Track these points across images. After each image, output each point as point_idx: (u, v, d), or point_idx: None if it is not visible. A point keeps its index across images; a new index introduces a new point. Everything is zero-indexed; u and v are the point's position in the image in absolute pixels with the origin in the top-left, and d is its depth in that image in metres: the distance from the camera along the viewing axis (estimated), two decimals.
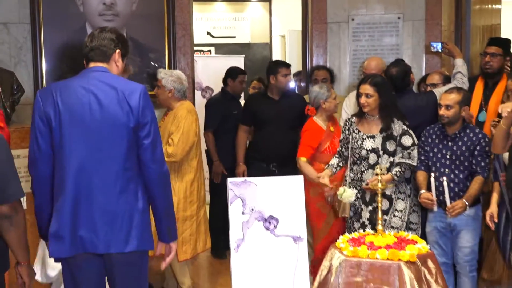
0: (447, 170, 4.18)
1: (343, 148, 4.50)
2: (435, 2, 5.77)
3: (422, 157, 4.32)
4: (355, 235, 3.97)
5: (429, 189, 4.19)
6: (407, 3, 5.81)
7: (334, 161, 4.49)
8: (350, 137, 4.43)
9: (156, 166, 2.86)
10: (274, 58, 10.13)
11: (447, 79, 5.13)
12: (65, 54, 5.33)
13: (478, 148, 4.11)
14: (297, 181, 3.90)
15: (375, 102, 4.31)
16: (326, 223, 4.79)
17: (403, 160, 4.28)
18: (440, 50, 5.42)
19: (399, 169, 4.25)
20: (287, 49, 10.51)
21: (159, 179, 2.88)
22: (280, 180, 3.93)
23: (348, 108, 5.15)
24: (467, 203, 4.08)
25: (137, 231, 2.82)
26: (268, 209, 3.76)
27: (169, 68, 5.46)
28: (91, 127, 2.77)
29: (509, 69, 4.68)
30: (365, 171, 4.34)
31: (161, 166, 2.88)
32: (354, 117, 4.47)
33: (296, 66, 7.75)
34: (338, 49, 5.87)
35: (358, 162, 4.38)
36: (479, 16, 6.18)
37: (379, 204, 3.92)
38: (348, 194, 4.19)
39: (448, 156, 4.19)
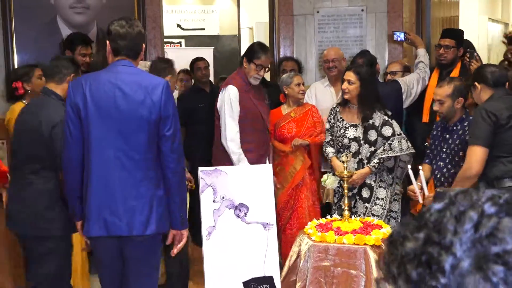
0: (441, 163, 3.98)
1: (332, 137, 4.50)
2: None
3: (428, 150, 4.17)
4: (322, 221, 4.00)
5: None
6: None
7: (330, 150, 4.49)
8: (335, 125, 4.43)
9: (175, 156, 2.99)
10: (242, 50, 10.08)
11: (406, 68, 5.21)
12: (36, 46, 5.22)
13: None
14: (266, 169, 3.93)
15: (356, 90, 4.28)
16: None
17: (384, 155, 4.23)
18: (403, 40, 5.44)
19: (377, 161, 4.23)
20: (255, 41, 10.42)
21: (176, 168, 3.01)
22: (249, 169, 3.98)
23: (310, 98, 5.14)
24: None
25: (156, 216, 2.97)
26: (239, 197, 3.77)
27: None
28: (116, 119, 2.89)
29: (467, 59, 4.70)
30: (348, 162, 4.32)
31: (179, 156, 3.03)
32: (339, 106, 4.45)
33: None
34: (304, 41, 5.86)
35: (341, 150, 4.39)
36: (438, 8, 6.24)
37: (345, 191, 3.96)
38: (331, 180, 4.21)
39: (444, 149, 3.97)
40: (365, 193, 4.30)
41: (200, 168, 3.79)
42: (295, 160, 4.79)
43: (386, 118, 4.29)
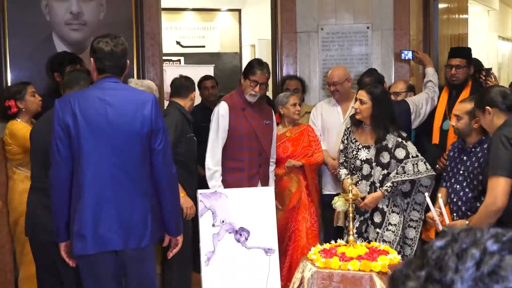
0: (457, 186, 3.83)
1: (346, 158, 4.48)
2: (403, 11, 5.77)
3: (444, 173, 4.05)
4: (326, 246, 3.95)
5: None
6: (375, 12, 5.81)
7: (343, 171, 4.47)
8: (348, 146, 4.43)
9: (167, 169, 3.14)
10: (243, 66, 10.10)
11: (410, 88, 5.17)
12: (30, 64, 5.19)
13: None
14: (268, 192, 3.91)
15: (368, 110, 4.26)
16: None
17: (397, 179, 4.18)
18: (410, 58, 5.43)
19: (390, 185, 4.18)
20: (257, 56, 10.49)
21: (169, 180, 3.16)
22: (251, 191, 3.97)
23: (316, 118, 5.14)
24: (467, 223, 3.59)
25: (150, 228, 3.10)
26: (239, 221, 3.75)
27: (138, 78, 5.36)
28: (108, 135, 3.01)
29: (483, 77, 4.66)
30: (359, 182, 4.30)
31: (170, 168, 3.17)
32: (352, 127, 4.43)
33: None
34: (308, 59, 5.85)
35: (353, 172, 4.36)
36: (446, 26, 6.23)
37: (351, 215, 3.93)
38: (341, 203, 4.14)
39: (461, 171, 3.80)
40: (377, 218, 4.27)
41: (199, 191, 3.78)
42: (290, 182, 4.79)
43: (400, 139, 4.24)
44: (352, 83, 5.12)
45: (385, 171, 4.24)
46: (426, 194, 3.79)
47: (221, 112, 4.49)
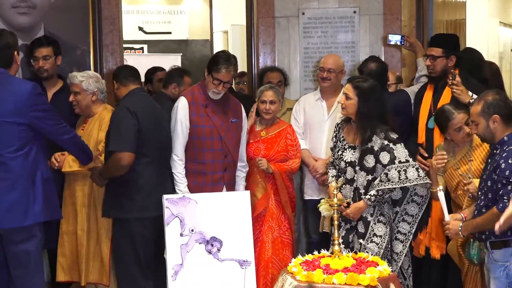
0: (479, 193, 3.73)
1: (333, 158, 4.43)
2: None
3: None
4: (308, 257, 3.92)
5: None
6: None
7: (331, 172, 4.43)
8: (336, 144, 4.39)
9: (63, 137, 4.03)
10: None
11: (399, 80, 5.24)
12: None
13: (497, 171, 3.50)
14: (243, 197, 3.93)
15: (353, 106, 4.21)
16: None
17: (381, 187, 4.12)
18: (399, 43, 5.39)
19: (375, 193, 4.14)
20: (230, 47, 10.47)
21: (72, 144, 4.15)
22: (223, 196, 3.98)
23: (298, 114, 5.14)
24: (459, 228, 3.65)
25: (34, 208, 3.85)
26: (211, 229, 3.74)
27: (95, 69, 5.36)
28: None
29: (450, 80, 4.61)
30: (343, 186, 4.26)
31: (66, 135, 4.05)
32: (343, 122, 4.39)
33: (240, 66, 7.71)
34: (287, 47, 5.86)
35: (340, 174, 4.33)
36: (442, 10, 6.28)
37: (335, 222, 3.91)
38: (326, 206, 4.09)
39: (484, 177, 3.73)
40: (361, 228, 4.22)
41: (165, 196, 3.78)
42: (256, 187, 4.77)
43: (386, 142, 4.16)
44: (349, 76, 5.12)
45: (370, 177, 4.19)
46: (439, 188, 3.73)
47: (179, 109, 4.49)
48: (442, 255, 4.50)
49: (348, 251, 4.05)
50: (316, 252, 4.01)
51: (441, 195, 3.73)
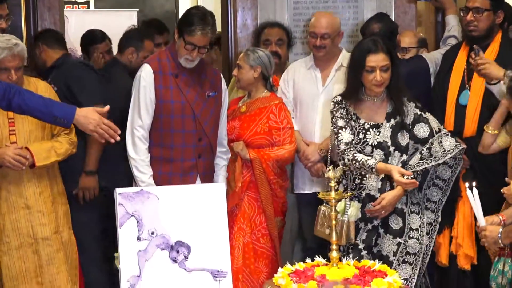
0: None
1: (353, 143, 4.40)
2: None
3: None
4: (299, 265, 3.85)
5: None
6: None
7: (364, 157, 4.30)
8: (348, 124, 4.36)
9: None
10: (180, 13, 9.98)
11: (422, 43, 5.20)
12: None
13: None
14: (217, 190, 3.84)
15: (389, 77, 4.24)
16: None
17: (423, 166, 4.19)
18: None
19: (420, 170, 4.19)
20: (199, 0, 10.54)
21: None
22: (191, 190, 3.84)
23: (287, 86, 5.07)
24: (499, 235, 3.54)
25: None
26: (176, 232, 3.62)
27: (28, 29, 5.36)
28: None
29: (473, 56, 4.45)
30: (368, 176, 4.25)
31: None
32: (345, 100, 4.35)
33: None
34: (272, 1, 5.84)
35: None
36: None
37: (333, 221, 3.78)
38: (354, 209, 4.17)
39: None
40: (395, 224, 4.27)
41: (117, 190, 3.61)
42: (230, 175, 4.79)
43: (418, 111, 4.28)
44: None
45: (405, 157, 4.25)
46: (467, 186, 3.65)
47: (143, 79, 4.42)
48: (473, 266, 4.46)
49: (371, 257, 4.10)
50: (309, 260, 3.93)
51: (474, 193, 3.54)
